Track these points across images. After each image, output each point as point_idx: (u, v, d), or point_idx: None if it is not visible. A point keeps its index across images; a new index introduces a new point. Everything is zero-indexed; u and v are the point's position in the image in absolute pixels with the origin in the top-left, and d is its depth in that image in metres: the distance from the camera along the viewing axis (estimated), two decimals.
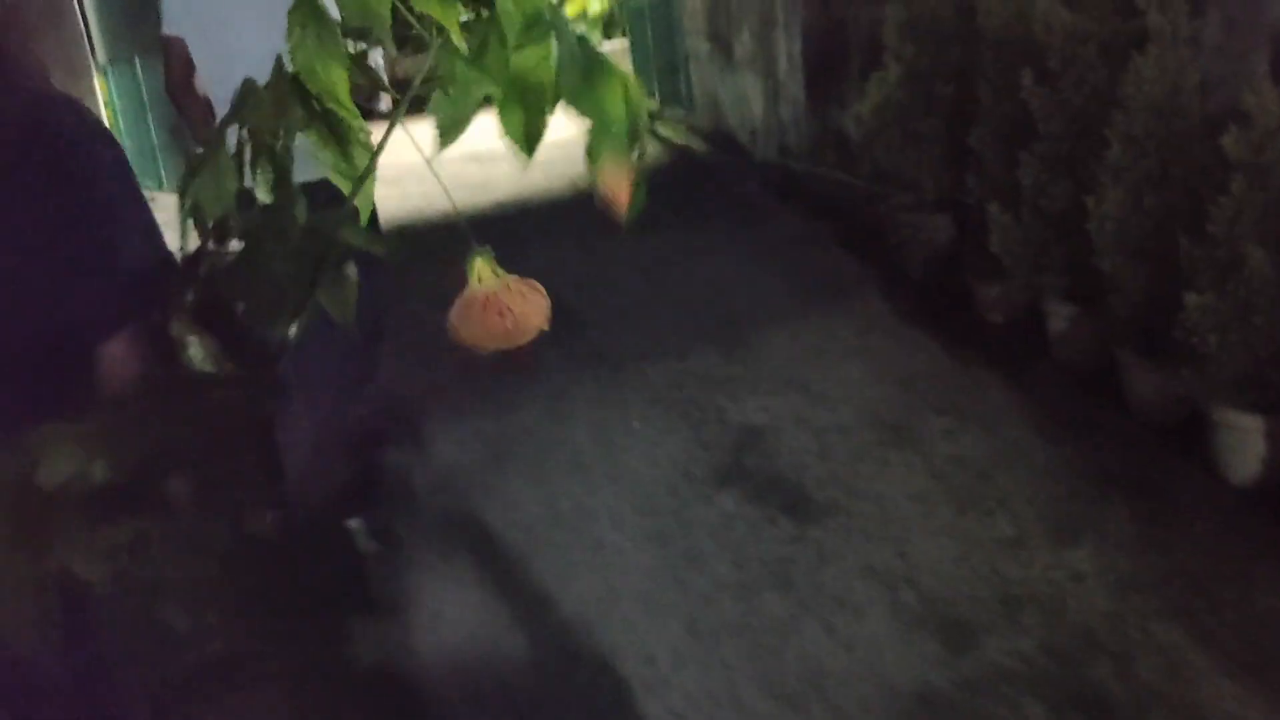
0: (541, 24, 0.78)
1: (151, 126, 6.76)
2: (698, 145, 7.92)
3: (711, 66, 7.53)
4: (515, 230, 6.21)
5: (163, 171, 6.83)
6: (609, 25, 13.67)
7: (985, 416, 3.11)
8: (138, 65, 6.37)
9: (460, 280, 0.89)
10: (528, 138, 0.84)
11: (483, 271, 0.89)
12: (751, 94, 6.73)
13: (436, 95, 0.80)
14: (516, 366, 2.68)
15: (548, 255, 5.49)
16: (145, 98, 6.65)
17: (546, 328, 0.87)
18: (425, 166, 0.87)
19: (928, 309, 3.87)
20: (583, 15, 13.57)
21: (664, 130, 8.86)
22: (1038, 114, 3.13)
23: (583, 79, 0.82)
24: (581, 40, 0.82)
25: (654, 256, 5.20)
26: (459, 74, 0.80)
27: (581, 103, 0.83)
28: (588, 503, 2.89)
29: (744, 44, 6.76)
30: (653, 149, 8.60)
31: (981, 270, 3.60)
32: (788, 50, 6.01)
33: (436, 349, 4.07)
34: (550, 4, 0.79)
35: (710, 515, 2.71)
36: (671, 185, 6.93)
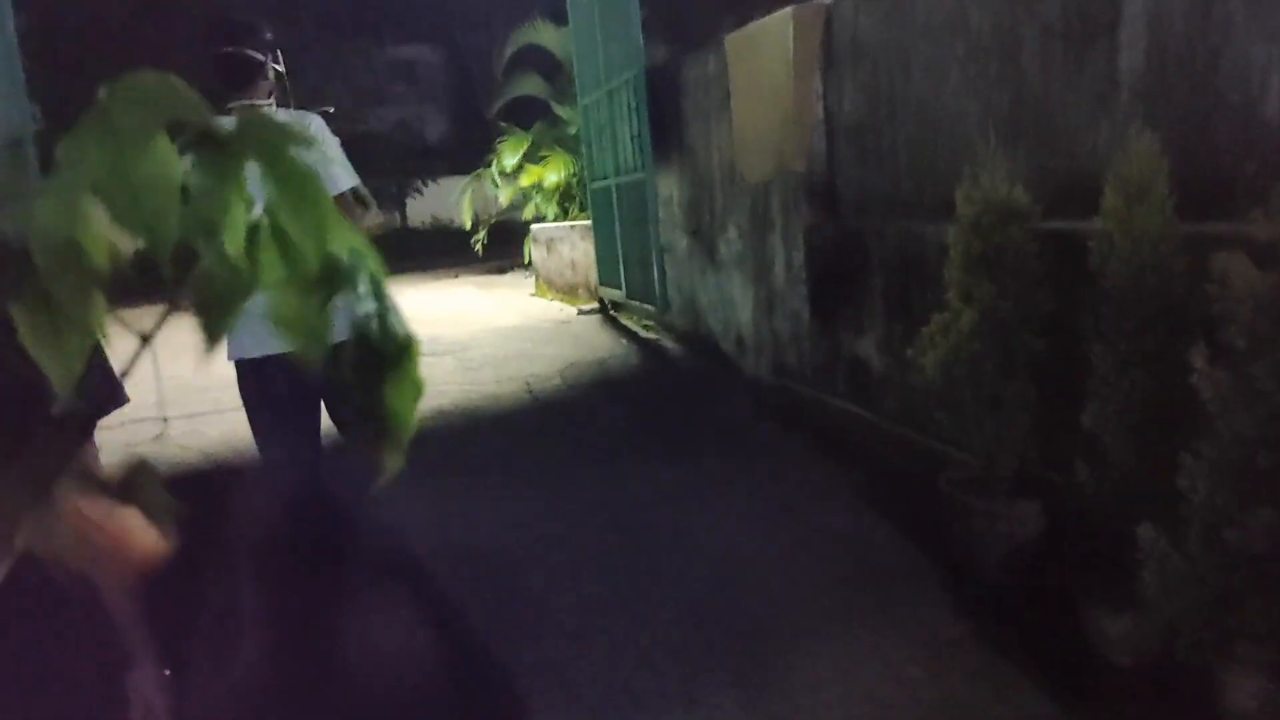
0: (337, 279, 0.64)
1: None
2: (671, 346, 7.05)
3: (690, 263, 6.75)
4: (459, 453, 5.17)
5: None
6: (565, 198, 13.09)
7: None
8: None
9: None
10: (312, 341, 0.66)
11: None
12: (739, 299, 5.91)
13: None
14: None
15: (498, 496, 4.44)
16: None
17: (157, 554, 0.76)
18: None
19: (1016, 631, 2.86)
20: (537, 187, 13.00)
21: (629, 323, 8.03)
22: (1213, 405, 2.22)
23: (372, 369, 0.68)
24: (384, 314, 0.67)
25: (632, 503, 4.18)
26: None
27: (364, 395, 0.69)
28: None
29: (730, 243, 5.99)
30: (617, 346, 7.68)
31: (1098, 591, 2.64)
32: (786, 258, 5.22)
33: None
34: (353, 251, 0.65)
35: None
36: (646, 397, 5.99)
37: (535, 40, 13.30)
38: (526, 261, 13.05)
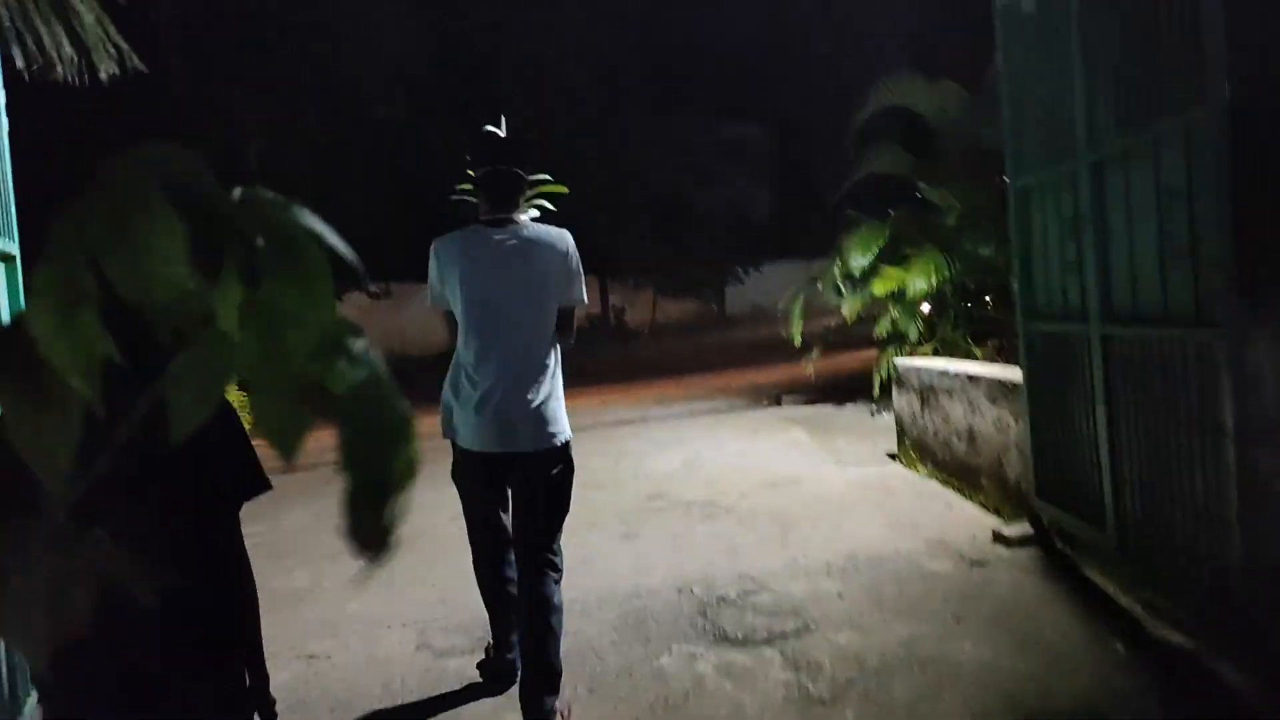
0: (339, 350, 0.64)
1: None
2: (1249, 690, 3.24)
3: None
4: None
5: None
6: (938, 309, 9.41)
7: None
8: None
9: None
10: (282, 435, 0.65)
11: None
12: None
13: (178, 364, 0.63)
14: None
15: None
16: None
17: None
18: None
19: None
20: (895, 295, 9.46)
21: (1114, 592, 4.19)
22: None
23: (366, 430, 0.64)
24: (385, 389, 0.65)
25: None
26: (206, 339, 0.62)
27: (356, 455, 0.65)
28: None
29: None
30: (1113, 670, 3.68)
31: None
32: None
33: None
34: (360, 339, 0.66)
35: None
36: None
37: (902, 101, 9.96)
38: (875, 395, 9.59)
